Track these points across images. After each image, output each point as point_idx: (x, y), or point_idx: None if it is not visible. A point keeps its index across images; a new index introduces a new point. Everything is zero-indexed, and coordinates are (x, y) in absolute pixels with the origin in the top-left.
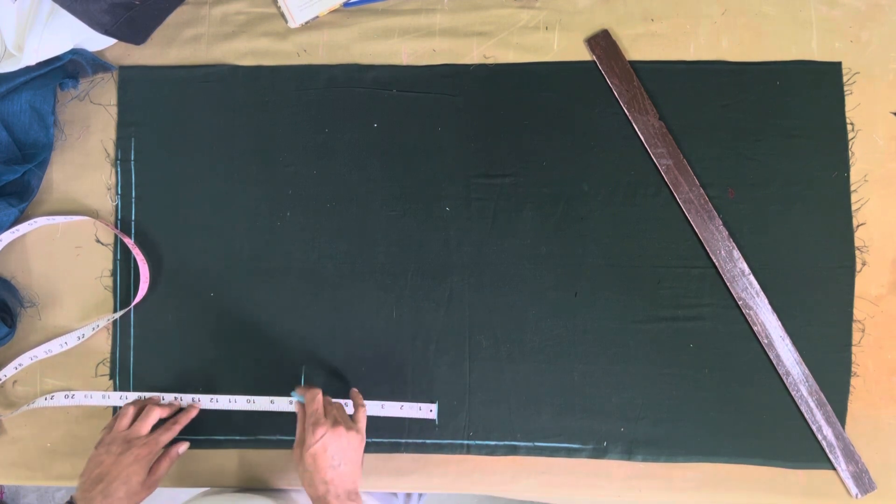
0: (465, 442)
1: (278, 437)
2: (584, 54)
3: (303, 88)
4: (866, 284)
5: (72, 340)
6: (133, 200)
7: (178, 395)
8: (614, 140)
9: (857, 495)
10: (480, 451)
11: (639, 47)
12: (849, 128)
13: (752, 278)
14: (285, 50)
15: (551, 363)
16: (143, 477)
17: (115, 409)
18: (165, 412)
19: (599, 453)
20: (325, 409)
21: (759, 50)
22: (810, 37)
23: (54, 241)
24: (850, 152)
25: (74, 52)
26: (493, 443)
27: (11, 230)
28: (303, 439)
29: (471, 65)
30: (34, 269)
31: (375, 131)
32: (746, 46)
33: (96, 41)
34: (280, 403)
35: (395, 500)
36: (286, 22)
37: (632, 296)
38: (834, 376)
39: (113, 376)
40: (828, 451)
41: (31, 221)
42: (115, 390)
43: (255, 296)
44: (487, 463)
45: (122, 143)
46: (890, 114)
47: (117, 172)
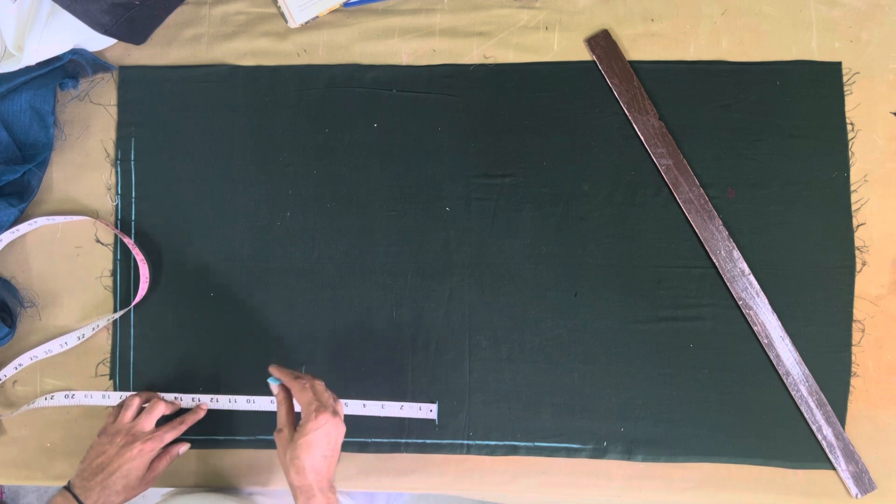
0: (465, 442)
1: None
2: (584, 54)
3: (303, 88)
4: (866, 284)
5: (72, 340)
6: (133, 200)
7: (178, 396)
8: (614, 140)
9: (857, 495)
10: (480, 451)
11: (639, 47)
12: (849, 128)
13: (751, 278)
14: (285, 50)
15: (551, 363)
16: (142, 473)
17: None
18: (170, 409)
19: (599, 453)
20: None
21: (759, 50)
22: (810, 37)
23: (54, 241)
24: (850, 152)
25: (74, 52)
26: (493, 443)
27: (11, 230)
28: (289, 423)
29: (471, 65)
30: (34, 269)
31: (375, 131)
32: (746, 46)
33: (96, 41)
34: None
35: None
36: (286, 22)
37: (632, 296)
38: (834, 376)
39: (113, 376)
40: (828, 451)
41: (31, 221)
42: (116, 390)
43: (255, 296)
44: (487, 463)
45: (121, 143)
46: (890, 114)
47: (117, 172)
